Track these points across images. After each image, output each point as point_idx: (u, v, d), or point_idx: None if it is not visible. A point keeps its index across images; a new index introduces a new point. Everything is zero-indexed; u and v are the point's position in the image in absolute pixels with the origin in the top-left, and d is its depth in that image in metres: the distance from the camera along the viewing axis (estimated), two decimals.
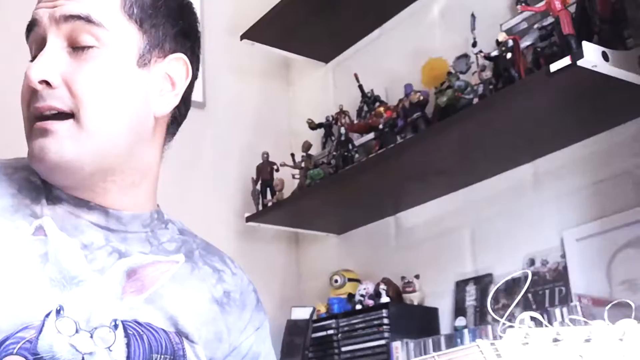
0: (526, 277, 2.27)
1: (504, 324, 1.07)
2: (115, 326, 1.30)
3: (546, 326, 1.06)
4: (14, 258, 1.30)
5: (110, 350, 1.28)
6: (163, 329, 1.36)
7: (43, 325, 1.25)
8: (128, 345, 1.30)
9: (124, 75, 1.35)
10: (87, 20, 1.29)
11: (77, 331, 1.27)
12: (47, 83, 1.27)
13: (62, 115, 1.30)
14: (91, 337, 1.28)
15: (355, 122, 2.82)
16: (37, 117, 1.31)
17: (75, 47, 1.29)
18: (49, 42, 1.29)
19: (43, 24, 1.30)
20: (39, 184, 1.41)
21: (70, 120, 1.30)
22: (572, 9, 2.02)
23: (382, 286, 2.64)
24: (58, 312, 1.27)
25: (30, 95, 1.31)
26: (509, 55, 2.13)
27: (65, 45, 1.30)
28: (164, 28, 1.38)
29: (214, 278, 1.51)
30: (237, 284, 1.54)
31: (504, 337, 1.07)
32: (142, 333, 1.33)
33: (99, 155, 1.36)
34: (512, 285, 2.29)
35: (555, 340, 1.05)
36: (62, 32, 1.30)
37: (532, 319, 1.08)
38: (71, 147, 1.32)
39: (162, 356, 1.34)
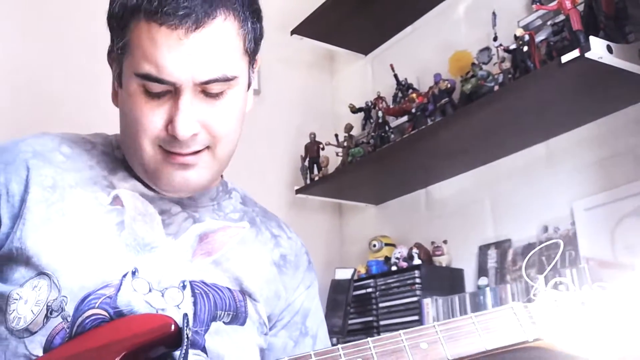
0: (541, 242, 2.31)
1: (535, 287, 1.13)
2: (184, 287, 1.32)
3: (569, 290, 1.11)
4: (93, 225, 1.32)
5: (179, 308, 1.30)
6: (228, 288, 1.37)
7: (121, 284, 1.27)
8: (195, 303, 1.31)
9: (242, 102, 1.35)
10: (222, 79, 1.26)
11: (150, 290, 1.29)
12: (193, 134, 1.26)
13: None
14: (162, 296, 1.29)
15: (391, 106, 2.80)
16: (171, 154, 1.30)
17: (208, 93, 1.26)
18: (185, 97, 1.24)
19: (177, 85, 1.24)
20: (118, 158, 1.43)
21: (206, 152, 1.31)
22: (581, 7, 2.02)
23: (415, 250, 2.66)
24: (133, 273, 1.29)
25: (167, 139, 1.27)
26: (525, 48, 2.14)
27: (198, 92, 1.25)
28: (258, 46, 1.37)
29: (272, 242, 1.51)
30: (292, 247, 1.54)
31: (535, 300, 1.12)
32: (208, 292, 1.34)
33: (221, 171, 1.43)
34: (528, 250, 2.31)
35: (583, 303, 1.10)
36: (196, 85, 1.25)
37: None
38: (207, 174, 1.35)
39: (226, 312, 1.35)
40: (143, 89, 1.27)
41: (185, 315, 1.26)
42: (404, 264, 2.65)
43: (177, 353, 1.21)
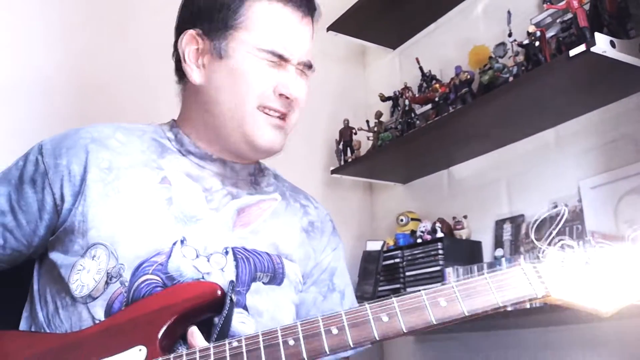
0: (552, 217, 2.25)
1: (543, 250, 1.13)
2: (227, 252, 1.35)
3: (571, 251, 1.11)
4: (145, 201, 1.35)
5: (223, 271, 1.33)
6: (267, 252, 1.41)
7: (171, 251, 1.30)
8: (237, 266, 1.35)
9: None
10: (311, 64, 1.44)
11: (197, 256, 1.32)
12: (296, 98, 1.40)
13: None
14: (208, 261, 1.33)
15: (417, 95, 2.78)
16: (272, 110, 1.41)
17: (302, 72, 1.42)
18: (293, 70, 1.39)
19: (291, 59, 1.38)
20: (166, 142, 1.47)
21: (285, 118, 1.43)
22: (587, 7, 2.01)
23: (438, 224, 2.66)
24: (182, 242, 1.32)
25: (270, 98, 1.39)
26: (537, 43, 2.13)
27: (298, 68, 1.41)
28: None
29: (301, 212, 1.56)
30: (318, 215, 1.59)
31: (544, 261, 1.12)
32: (248, 256, 1.37)
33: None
34: (540, 225, 2.27)
35: (587, 262, 1.10)
36: (299, 65, 1.41)
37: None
38: (285, 139, 1.46)
39: (265, 274, 1.38)
40: (258, 59, 1.37)
41: (231, 282, 1.29)
42: (428, 237, 2.64)
43: (221, 316, 1.24)
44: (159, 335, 1.19)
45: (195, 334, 1.18)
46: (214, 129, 1.43)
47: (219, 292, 1.23)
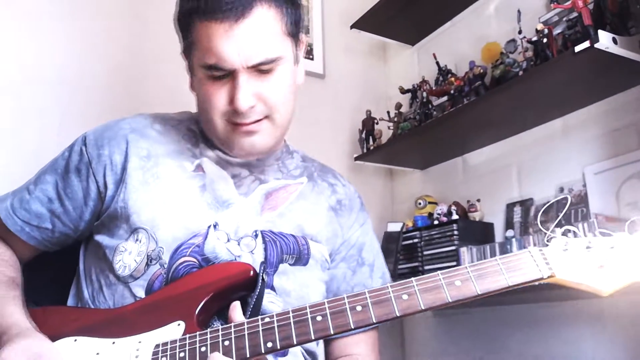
0: (558, 202, 2.23)
1: (549, 236, 1.12)
2: (256, 235, 1.35)
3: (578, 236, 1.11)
4: (181, 188, 1.35)
5: (253, 253, 1.33)
6: (292, 235, 1.39)
7: (207, 234, 1.31)
8: (265, 249, 1.35)
9: (290, 76, 1.36)
10: (268, 61, 1.27)
11: (229, 240, 1.32)
12: (251, 106, 1.28)
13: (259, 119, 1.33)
14: (238, 244, 1.33)
15: (434, 88, 2.78)
16: (237, 124, 1.32)
17: (260, 70, 1.28)
18: (241, 77, 1.27)
19: (231, 68, 1.26)
20: (198, 133, 1.45)
21: (265, 120, 1.33)
22: (591, 6, 2.00)
23: (453, 207, 2.66)
24: (215, 226, 1.32)
25: (232, 113, 1.30)
26: (545, 40, 2.13)
27: (251, 72, 1.27)
28: (298, 27, 1.37)
29: (329, 190, 1.53)
30: (347, 193, 1.56)
31: (549, 245, 1.12)
32: (275, 239, 1.37)
33: (282, 135, 1.43)
34: (547, 208, 2.26)
35: (588, 247, 1.09)
36: (249, 68, 1.27)
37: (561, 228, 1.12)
38: (269, 139, 1.37)
39: (290, 255, 1.37)
40: (208, 76, 1.29)
41: (262, 263, 1.29)
42: (444, 219, 2.64)
43: (253, 294, 1.25)
44: (196, 311, 1.21)
45: (236, 309, 1.18)
46: (206, 130, 1.42)
47: (252, 272, 1.24)
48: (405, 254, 2.73)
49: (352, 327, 1.10)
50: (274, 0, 1.29)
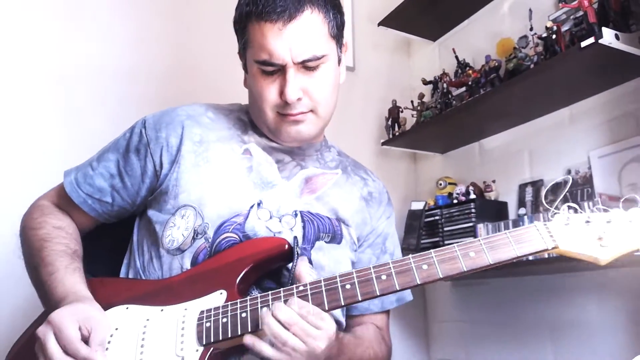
0: (566, 182, 2.18)
1: (553, 212, 1.16)
2: (295, 215, 1.36)
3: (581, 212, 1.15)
4: (230, 169, 1.37)
5: (292, 230, 1.34)
6: (327, 217, 1.41)
7: (248, 213, 1.32)
8: (304, 227, 1.36)
9: (334, 75, 1.39)
10: (314, 58, 1.31)
11: (270, 217, 1.33)
12: (298, 99, 1.32)
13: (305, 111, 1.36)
14: (280, 221, 1.34)
15: (453, 80, 2.76)
16: (285, 115, 1.35)
17: (307, 67, 1.32)
18: (290, 72, 1.30)
19: (282, 63, 1.30)
20: (247, 122, 1.46)
21: (310, 113, 1.36)
22: (595, 6, 2.00)
23: (471, 188, 2.68)
24: (259, 204, 1.33)
25: (281, 105, 1.34)
26: (554, 36, 2.14)
27: (299, 68, 1.31)
28: (342, 32, 1.41)
29: (361, 183, 1.54)
30: (376, 188, 1.57)
31: (553, 220, 1.15)
32: (313, 219, 1.38)
33: (324, 126, 1.46)
34: (556, 187, 2.14)
35: (587, 222, 1.12)
36: (296, 63, 1.31)
37: (571, 208, 1.15)
38: (313, 128, 1.40)
39: (326, 234, 1.39)
40: (261, 71, 1.33)
41: (295, 237, 1.29)
42: (463, 198, 2.65)
43: (290, 266, 1.27)
44: (237, 281, 1.22)
45: (302, 265, 1.21)
46: (257, 121, 1.44)
47: (286, 246, 1.25)
48: (427, 230, 2.73)
49: (378, 293, 1.12)
50: (321, 5, 1.32)
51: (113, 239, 1.49)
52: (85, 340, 1.11)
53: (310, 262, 1.34)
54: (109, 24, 2.45)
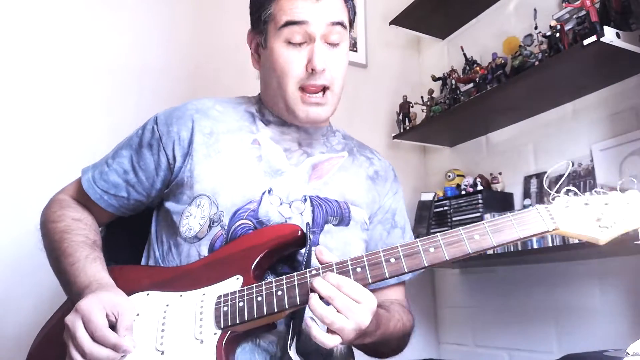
0: (569, 174, 2.24)
1: (554, 195, 1.16)
2: (305, 200, 1.35)
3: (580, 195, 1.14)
4: (240, 159, 1.36)
5: (302, 215, 1.33)
6: (336, 200, 1.39)
7: (261, 200, 1.31)
8: (313, 211, 1.35)
9: (347, 56, 1.39)
10: (342, 25, 1.32)
11: (281, 203, 1.33)
12: (323, 70, 1.31)
13: (323, 89, 1.35)
14: (290, 207, 1.33)
15: (461, 76, 2.77)
16: (305, 88, 1.34)
17: (330, 43, 1.33)
18: (318, 41, 1.30)
19: (313, 25, 1.29)
20: (255, 113, 1.46)
21: (328, 92, 1.35)
22: (597, 5, 2.01)
23: (478, 179, 2.68)
24: (269, 191, 1.33)
25: (306, 77, 1.32)
26: (557, 34, 2.15)
27: (323, 43, 1.32)
28: (352, 24, 1.42)
29: (367, 163, 1.53)
30: (382, 166, 1.56)
31: (554, 203, 1.14)
32: (321, 203, 1.37)
33: (336, 107, 1.43)
34: (558, 180, 2.07)
35: (586, 204, 1.12)
36: (323, 33, 1.31)
37: (570, 192, 1.14)
38: (330, 109, 1.39)
39: (334, 217, 1.37)
40: (286, 42, 1.31)
41: (308, 224, 1.30)
42: (471, 190, 2.65)
43: (302, 251, 1.27)
44: (252, 266, 1.21)
45: (324, 252, 1.18)
46: (271, 103, 1.43)
47: (299, 232, 1.24)
48: (437, 219, 2.73)
49: (387, 276, 1.11)
50: None
51: (133, 231, 1.50)
52: (112, 327, 1.12)
53: (318, 244, 1.33)
54: (136, 19, 2.46)
